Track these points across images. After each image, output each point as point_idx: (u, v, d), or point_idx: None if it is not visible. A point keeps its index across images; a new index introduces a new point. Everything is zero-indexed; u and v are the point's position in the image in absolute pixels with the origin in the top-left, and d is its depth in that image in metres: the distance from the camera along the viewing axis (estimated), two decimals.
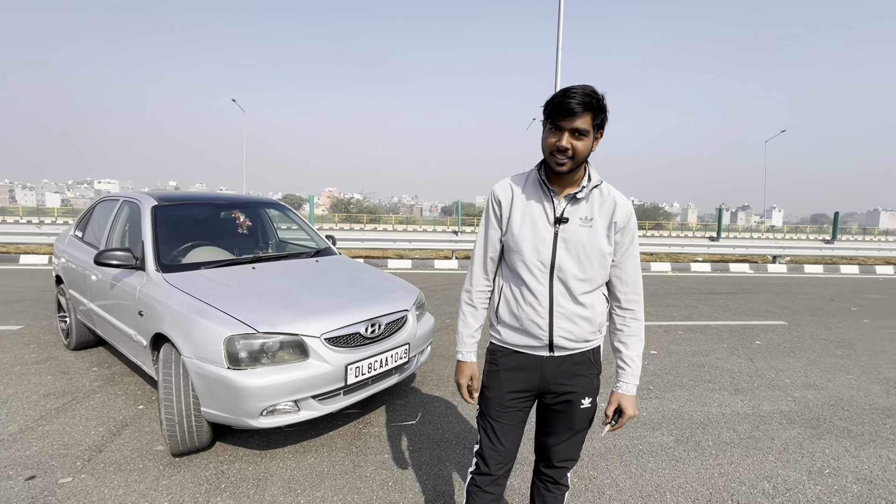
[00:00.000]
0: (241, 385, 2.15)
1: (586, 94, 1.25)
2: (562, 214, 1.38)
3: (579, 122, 1.26)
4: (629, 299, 1.45)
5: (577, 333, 1.41)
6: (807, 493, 2.32)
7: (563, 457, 1.55)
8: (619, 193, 1.42)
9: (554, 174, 1.36)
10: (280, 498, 2.17)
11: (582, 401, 1.47)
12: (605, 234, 1.39)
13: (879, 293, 8.56)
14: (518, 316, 1.43)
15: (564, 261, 1.38)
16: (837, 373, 4.08)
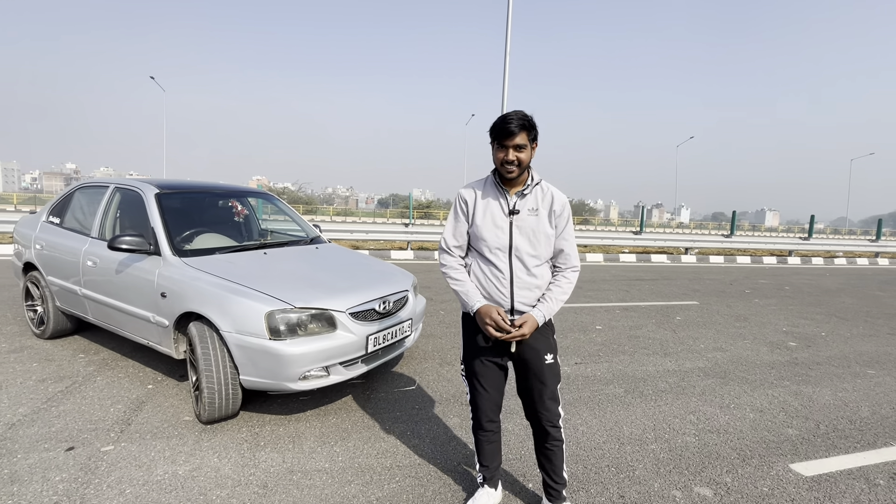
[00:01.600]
0: (283, 353, 2.46)
1: (520, 118, 1.76)
2: (514, 207, 1.87)
3: (518, 140, 1.76)
4: (565, 266, 1.93)
5: (531, 298, 1.88)
6: (720, 419, 3.10)
7: (547, 413, 1.92)
8: (555, 189, 1.93)
9: (506, 179, 1.85)
10: (317, 449, 2.52)
11: (545, 357, 1.92)
12: (548, 220, 1.88)
13: (766, 279, 10.31)
14: (486, 288, 1.89)
15: (519, 242, 1.87)
16: (737, 339, 5.11)
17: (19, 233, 4.16)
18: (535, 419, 1.98)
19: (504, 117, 1.77)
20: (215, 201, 3.81)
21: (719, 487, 2.34)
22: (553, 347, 1.96)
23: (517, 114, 1.77)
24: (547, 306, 1.86)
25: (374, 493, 2.17)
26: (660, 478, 2.40)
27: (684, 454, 2.64)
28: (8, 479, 2.14)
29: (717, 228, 53.42)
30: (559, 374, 1.97)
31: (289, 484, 2.20)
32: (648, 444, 2.73)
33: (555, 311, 1.88)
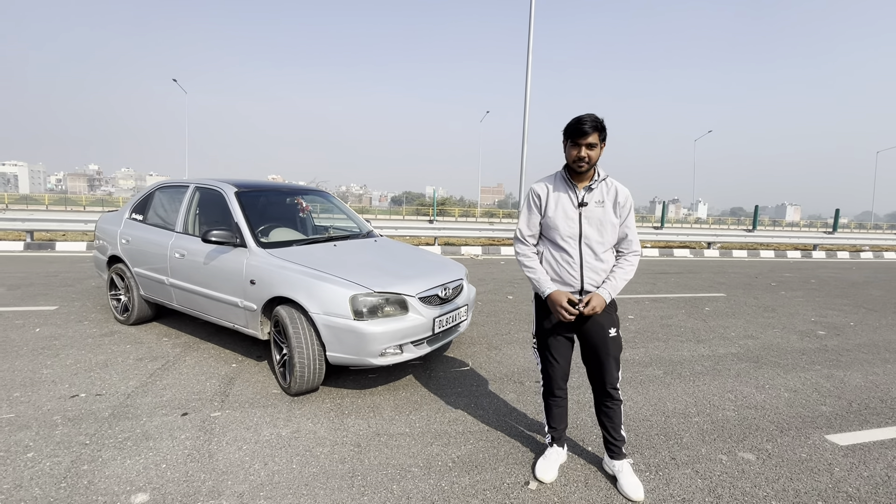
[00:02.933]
0: (366, 332, 2.79)
1: (593, 120, 2.02)
2: (582, 200, 2.15)
3: (590, 139, 2.03)
4: (627, 250, 2.20)
5: (598, 280, 2.17)
6: (756, 398, 3.34)
7: (609, 378, 2.21)
8: (619, 183, 2.19)
9: (575, 174, 2.14)
10: (395, 417, 2.84)
11: (609, 331, 2.20)
12: (613, 211, 2.16)
13: (791, 272, 10.37)
14: (558, 272, 2.18)
15: (588, 231, 2.15)
16: (766, 328, 5.30)
17: (102, 229, 4.58)
18: (599, 383, 2.27)
19: (579, 119, 2.04)
20: (283, 198, 4.17)
21: (761, 453, 2.59)
22: (616, 322, 2.23)
23: (590, 116, 2.03)
24: (612, 285, 2.14)
25: (453, 452, 2.48)
26: (705, 444, 2.66)
27: (726, 426, 2.90)
28: (142, 436, 2.51)
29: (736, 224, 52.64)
30: (621, 345, 2.26)
31: (379, 444, 2.53)
32: (692, 417, 2.99)
33: (619, 289, 2.15)
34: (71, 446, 2.39)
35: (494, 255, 11.71)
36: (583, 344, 2.29)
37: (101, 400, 2.89)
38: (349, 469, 2.29)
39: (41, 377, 3.18)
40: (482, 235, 11.99)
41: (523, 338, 4.55)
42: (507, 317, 5.33)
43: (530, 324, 5.04)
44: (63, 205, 43.07)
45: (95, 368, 3.36)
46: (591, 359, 2.27)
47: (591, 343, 2.23)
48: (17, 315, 4.56)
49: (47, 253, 8.94)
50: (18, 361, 3.43)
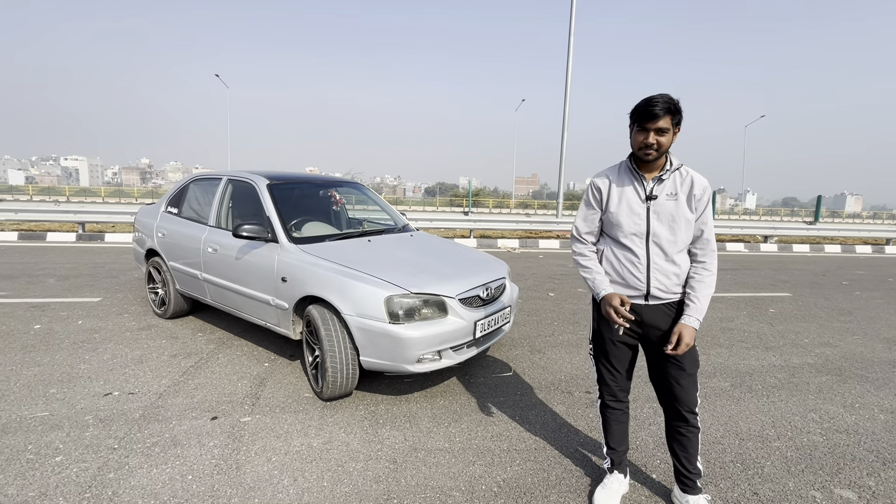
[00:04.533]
0: (403, 336, 2.56)
1: (665, 101, 1.69)
2: (651, 192, 1.81)
3: (661, 123, 1.69)
4: (703, 254, 1.85)
5: (668, 286, 1.84)
6: (846, 420, 2.89)
7: (685, 399, 1.86)
8: (695, 173, 1.84)
9: (643, 164, 1.80)
10: (433, 429, 2.61)
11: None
12: (687, 204, 1.81)
13: (863, 269, 9.41)
14: (621, 273, 1.87)
15: (657, 228, 1.82)
16: (844, 334, 4.72)
17: (140, 222, 4.58)
18: (671, 405, 1.94)
19: (648, 99, 1.72)
20: (316, 191, 4.00)
21: (863, 491, 2.19)
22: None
23: (662, 97, 1.71)
24: (698, 307, 1.82)
25: (498, 475, 2.22)
26: (792, 477, 2.28)
27: (814, 454, 2.49)
28: (171, 442, 2.39)
29: (790, 215, 49.28)
30: (698, 360, 1.92)
31: (416, 461, 2.31)
32: (771, 442, 2.60)
33: (705, 309, 1.83)
34: (99, 450, 2.30)
35: (532, 248, 11.30)
36: (650, 357, 1.98)
37: (133, 399, 2.82)
38: (384, 490, 2.08)
39: (78, 373, 3.16)
40: (519, 228, 11.60)
41: (568, 340, 4.22)
42: (549, 316, 5.00)
43: (574, 325, 4.71)
44: (118, 197, 45.67)
45: (130, 364, 3.32)
46: (661, 375, 1.95)
47: (661, 357, 1.90)
48: (62, 306, 4.65)
49: (97, 244, 9.31)
50: (59, 355, 3.44)
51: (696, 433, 1.95)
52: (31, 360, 3.34)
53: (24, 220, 9.68)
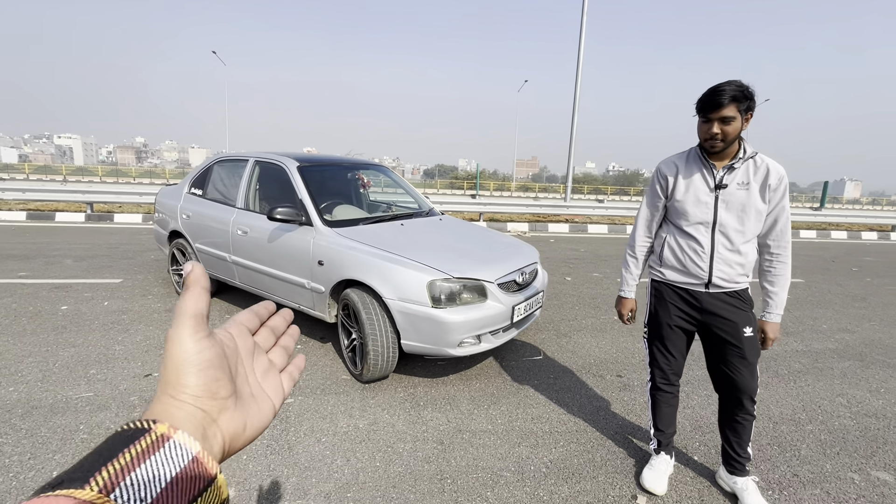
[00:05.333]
0: (446, 320, 2.58)
1: (733, 88, 1.64)
2: (720, 181, 1.79)
3: (726, 112, 1.66)
4: (778, 245, 1.83)
5: (732, 275, 1.84)
6: (874, 404, 2.95)
7: (744, 387, 1.88)
8: (771, 161, 1.78)
9: (710, 153, 1.78)
10: (474, 411, 2.66)
11: (744, 329, 1.87)
12: (760, 194, 1.77)
13: (871, 256, 9.47)
14: (682, 260, 1.89)
15: (725, 218, 1.80)
16: (861, 321, 4.78)
17: (162, 203, 4.54)
18: (730, 393, 1.95)
19: (714, 88, 1.69)
20: (344, 173, 3.96)
21: None
22: (752, 320, 1.89)
23: (729, 84, 1.66)
24: (777, 302, 1.86)
25: (545, 456, 2.27)
26: (829, 459, 2.34)
27: (847, 437, 2.55)
28: None
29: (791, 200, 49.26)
30: (759, 348, 1.92)
31: (462, 442, 2.35)
32: (804, 425, 2.66)
33: (784, 303, 1.86)
34: None
35: (542, 231, 11.30)
36: (707, 344, 2.00)
37: None
38: (436, 470, 2.13)
39: (114, 353, 3.18)
40: (528, 212, 11.57)
41: (591, 324, 4.25)
42: (569, 300, 5.03)
43: (595, 309, 4.74)
44: (115, 176, 45.24)
45: (163, 346, 3.33)
46: (719, 362, 1.96)
47: (719, 343, 1.92)
48: (85, 287, 4.65)
49: (107, 224, 9.25)
50: (91, 336, 3.46)
51: (751, 420, 1.97)
52: (64, 340, 3.36)
53: (31, 200, 9.59)
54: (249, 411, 0.35)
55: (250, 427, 0.35)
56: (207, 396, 0.32)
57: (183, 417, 0.30)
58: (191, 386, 0.32)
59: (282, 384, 0.40)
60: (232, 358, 0.36)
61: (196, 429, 0.31)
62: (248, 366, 0.38)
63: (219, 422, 0.33)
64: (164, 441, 0.27)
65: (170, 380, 0.32)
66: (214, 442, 0.32)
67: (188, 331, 0.32)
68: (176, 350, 0.32)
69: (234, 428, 0.34)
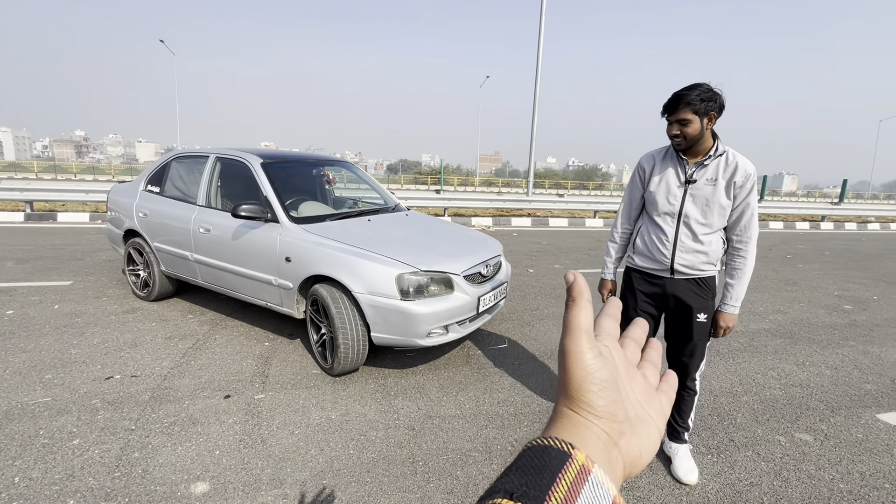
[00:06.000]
0: (415, 312, 2.67)
1: (687, 95, 1.79)
2: (690, 176, 1.94)
3: (681, 115, 1.81)
4: (740, 240, 1.99)
5: (694, 263, 2.02)
6: (799, 375, 3.30)
7: (688, 365, 2.11)
8: (742, 159, 1.92)
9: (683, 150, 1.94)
10: (443, 398, 2.78)
11: (697, 315, 2.07)
12: (725, 190, 1.92)
13: (803, 244, 10.33)
14: (649, 248, 2.08)
15: (690, 210, 1.97)
16: (792, 303, 5.26)
17: (115, 201, 4.36)
18: (675, 367, 2.17)
19: (676, 93, 1.82)
20: (309, 170, 3.96)
21: (817, 434, 2.56)
22: (708, 308, 2.06)
23: (691, 89, 1.79)
24: (735, 294, 1.98)
25: (511, 435, 2.42)
26: (760, 425, 2.63)
27: (776, 405, 2.86)
28: (189, 421, 2.42)
29: None
30: (708, 334, 2.10)
31: (433, 427, 2.47)
32: (740, 397, 2.95)
33: (743, 293, 1.99)
34: (117, 432, 2.30)
35: (506, 226, 11.56)
36: (668, 323, 2.20)
37: (137, 382, 2.80)
38: (409, 454, 2.23)
39: (70, 357, 3.07)
40: (492, 206, 11.79)
41: (553, 313, 4.47)
42: (532, 291, 5.24)
43: (556, 298, 4.97)
44: (53, 172, 42.10)
45: (125, 348, 3.26)
46: (673, 341, 2.18)
47: (675, 324, 2.13)
48: (31, 291, 4.41)
49: (49, 224, 8.69)
50: (43, 340, 3.32)
51: (692, 395, 2.19)
52: (13, 346, 3.21)
53: None
54: (640, 435, 0.32)
55: (645, 452, 0.32)
56: (608, 418, 0.30)
57: (590, 439, 0.29)
58: (595, 406, 0.30)
59: (661, 404, 0.36)
60: (616, 377, 0.33)
61: (602, 453, 0.29)
62: (627, 383, 0.34)
63: (619, 446, 0.30)
64: (586, 475, 0.25)
65: (572, 395, 0.30)
66: (617, 467, 0.30)
67: (586, 346, 0.30)
68: (578, 365, 0.30)
69: (632, 454, 0.31)
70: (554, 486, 0.24)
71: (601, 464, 0.27)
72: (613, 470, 0.29)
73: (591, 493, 0.24)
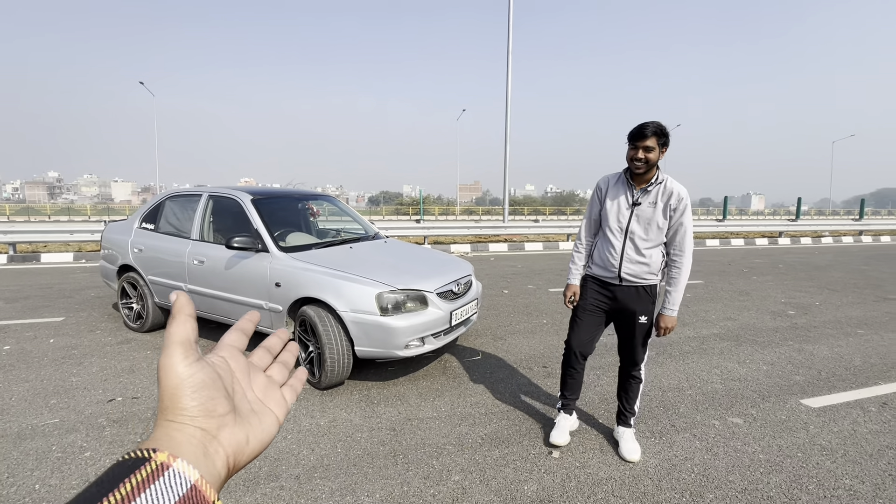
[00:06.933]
0: (393, 326, 3.01)
1: (653, 126, 2.24)
2: (636, 200, 2.38)
3: (648, 142, 2.25)
4: (674, 254, 2.40)
5: (638, 273, 2.43)
6: (739, 371, 3.72)
7: (633, 357, 2.55)
8: (677, 185, 2.35)
9: (635, 175, 2.36)
10: (421, 404, 3.09)
11: (640, 317, 2.47)
12: (663, 212, 2.35)
13: (761, 258, 11.04)
14: (603, 258, 2.49)
15: (634, 228, 2.39)
16: (742, 311, 5.76)
17: (109, 239, 4.63)
18: (624, 360, 2.58)
19: (642, 123, 2.25)
20: (295, 204, 4.33)
21: (747, 417, 2.95)
22: (648, 311, 2.44)
23: (653, 122, 2.24)
24: (673, 299, 2.36)
25: (481, 431, 2.74)
26: (699, 412, 3.01)
27: (715, 396, 3.25)
28: None
29: (706, 214, 54.66)
30: (649, 332, 2.49)
31: (412, 427, 2.77)
32: (685, 391, 3.34)
33: (679, 299, 2.36)
34: (125, 445, 2.54)
35: (483, 252, 12.02)
36: (617, 326, 2.58)
37: (138, 403, 3.03)
38: (390, 450, 2.53)
39: (72, 384, 3.29)
40: (470, 233, 12.28)
41: (524, 328, 4.84)
42: (506, 310, 5.62)
43: (528, 315, 5.36)
44: (26, 214, 41.29)
45: (123, 374, 3.48)
46: (621, 338, 2.56)
47: (621, 324, 2.53)
48: (25, 328, 4.58)
49: (33, 265, 8.75)
50: (43, 371, 3.51)
51: (638, 383, 2.58)
52: (15, 377, 3.40)
53: None
54: (251, 425, 0.36)
55: (254, 440, 0.36)
56: (205, 416, 0.33)
57: (183, 439, 0.31)
58: (188, 408, 0.32)
59: (283, 397, 0.41)
60: (226, 378, 0.36)
61: (197, 447, 0.31)
62: (245, 383, 0.39)
63: (219, 438, 0.33)
64: (163, 470, 0.28)
65: (167, 406, 0.33)
66: (217, 458, 0.32)
67: (178, 357, 0.33)
68: (169, 376, 0.33)
69: (236, 442, 0.34)
70: (114, 491, 0.25)
71: (192, 457, 0.30)
72: (212, 460, 0.32)
73: (166, 483, 0.27)
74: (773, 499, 2.17)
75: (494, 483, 2.26)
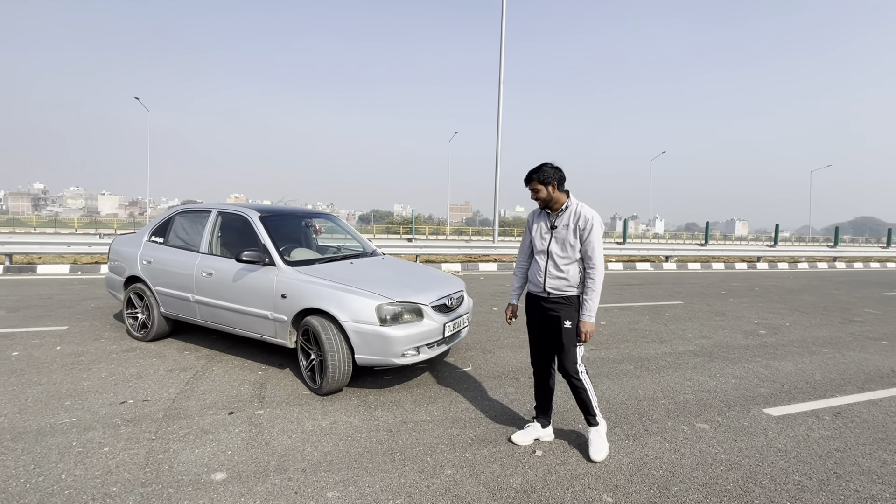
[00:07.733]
0: (391, 336, 3.27)
1: (531, 173, 2.69)
2: (553, 224, 2.76)
3: (529, 186, 2.71)
4: (588, 268, 2.72)
5: (559, 286, 2.75)
6: (709, 384, 4.03)
7: (564, 364, 2.77)
8: (585, 208, 2.73)
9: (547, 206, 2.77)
10: (416, 409, 3.32)
11: (565, 323, 2.76)
12: (573, 233, 2.71)
13: (739, 282, 11.51)
14: (533, 275, 2.83)
15: (553, 248, 2.75)
16: (717, 329, 6.11)
17: (117, 251, 4.84)
18: (560, 368, 2.81)
19: (528, 171, 2.73)
20: (298, 221, 4.61)
21: (713, 423, 3.24)
22: (573, 317, 2.72)
23: (533, 169, 2.71)
24: (588, 307, 2.67)
25: (471, 433, 2.99)
26: (670, 419, 3.29)
27: (686, 405, 3.54)
28: (201, 431, 2.88)
29: (691, 238, 55.94)
30: (574, 336, 2.73)
31: (408, 429, 3.01)
32: (659, 400, 3.62)
33: (594, 307, 2.67)
34: (140, 441, 2.73)
35: (473, 271, 12.33)
36: (548, 331, 2.83)
37: (149, 405, 3.22)
38: (388, 448, 2.76)
39: (84, 388, 3.46)
40: (460, 252, 12.60)
41: (512, 343, 5.11)
42: (495, 325, 5.89)
43: (515, 331, 5.64)
44: (10, 226, 40.72)
45: (132, 379, 3.66)
46: (552, 344, 2.82)
47: (551, 331, 2.79)
48: (30, 335, 4.72)
49: (29, 276, 8.83)
50: (55, 375, 3.68)
51: (582, 390, 2.78)
52: (28, 381, 3.56)
53: None
54: None
55: None
56: None
57: None
58: None
59: None
60: None
61: None
62: None
63: None
64: None
65: None
66: None
67: None
68: None
69: None
70: None
71: None
72: None
73: None
74: (730, 491, 2.45)
75: (483, 476, 2.50)
